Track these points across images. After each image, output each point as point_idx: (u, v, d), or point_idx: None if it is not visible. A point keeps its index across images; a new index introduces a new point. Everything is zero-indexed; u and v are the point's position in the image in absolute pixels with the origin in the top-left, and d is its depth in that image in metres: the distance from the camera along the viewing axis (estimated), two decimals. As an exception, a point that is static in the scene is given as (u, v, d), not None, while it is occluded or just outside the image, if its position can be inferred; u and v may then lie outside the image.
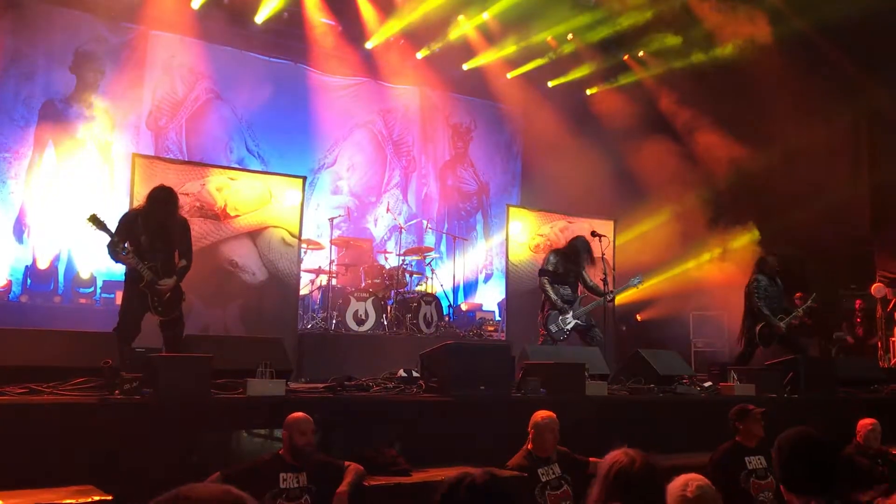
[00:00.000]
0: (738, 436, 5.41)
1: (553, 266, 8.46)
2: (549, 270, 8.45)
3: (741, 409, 5.50)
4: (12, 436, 4.58)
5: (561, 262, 8.49)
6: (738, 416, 5.44)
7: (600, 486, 2.68)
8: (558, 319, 8.32)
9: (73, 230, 9.77)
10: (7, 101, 10.08)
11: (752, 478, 5.23)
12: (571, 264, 8.52)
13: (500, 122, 14.46)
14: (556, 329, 8.33)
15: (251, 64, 11.84)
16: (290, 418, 4.64)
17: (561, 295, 8.43)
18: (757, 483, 5.23)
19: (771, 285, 9.03)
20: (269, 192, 9.48)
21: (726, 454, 5.29)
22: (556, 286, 8.41)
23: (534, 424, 5.02)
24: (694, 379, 8.11)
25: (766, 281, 9.01)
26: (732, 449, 5.35)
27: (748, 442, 5.37)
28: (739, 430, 5.41)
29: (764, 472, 5.27)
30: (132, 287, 6.35)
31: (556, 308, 8.37)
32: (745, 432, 5.39)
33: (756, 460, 5.30)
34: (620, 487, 2.56)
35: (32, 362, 5.42)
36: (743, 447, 5.35)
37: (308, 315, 10.28)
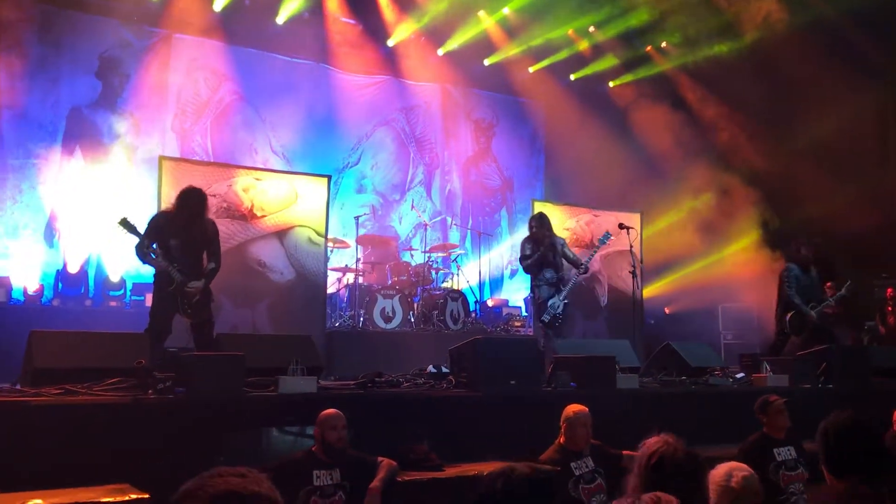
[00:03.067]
0: (765, 427, 5.34)
1: (530, 251, 8.35)
2: (526, 255, 8.36)
3: (763, 401, 5.42)
4: (49, 436, 4.64)
5: (535, 246, 8.34)
6: (760, 409, 5.37)
7: (639, 474, 2.64)
8: (548, 307, 8.20)
9: (102, 234, 9.87)
10: (34, 107, 10.19)
11: (781, 470, 5.16)
12: (543, 246, 8.32)
13: (522, 116, 14.40)
14: (550, 318, 8.21)
15: (273, 65, 11.88)
16: (322, 415, 4.65)
17: (546, 279, 8.31)
18: (786, 475, 5.16)
19: (803, 274, 8.93)
20: (294, 192, 9.52)
21: (754, 446, 5.22)
22: (539, 273, 8.29)
23: (566, 418, 4.99)
24: (726, 370, 8.04)
25: (798, 270, 8.92)
26: (760, 441, 5.28)
27: (775, 433, 5.30)
28: (765, 422, 5.34)
29: (794, 464, 5.20)
30: (162, 289, 6.42)
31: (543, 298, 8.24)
32: (770, 423, 5.32)
33: (785, 451, 5.24)
34: (660, 475, 2.52)
35: (67, 364, 5.49)
36: (771, 438, 5.28)
37: (336, 313, 10.32)
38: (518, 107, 14.31)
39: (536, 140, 14.65)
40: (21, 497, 3.98)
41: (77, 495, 4.18)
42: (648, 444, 2.71)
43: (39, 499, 4.04)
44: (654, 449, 2.66)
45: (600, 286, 11.73)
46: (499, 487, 2.28)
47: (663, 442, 2.67)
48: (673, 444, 2.67)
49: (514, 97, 14.12)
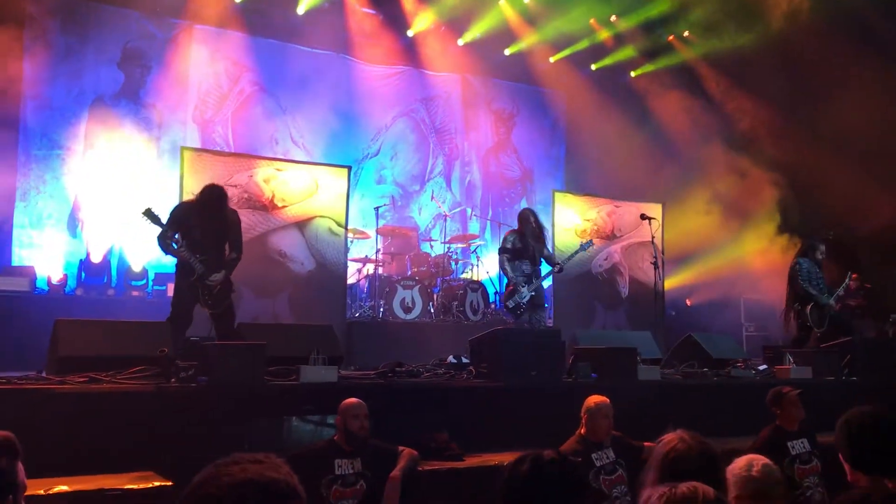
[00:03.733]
0: (778, 420, 5.28)
1: (511, 244, 8.36)
2: (507, 248, 8.36)
3: (776, 392, 5.34)
4: (75, 424, 4.69)
5: (518, 239, 8.38)
6: (774, 401, 5.29)
7: (655, 470, 2.62)
8: (515, 295, 8.20)
9: (124, 224, 9.95)
10: (59, 98, 10.27)
11: (796, 464, 5.11)
12: (527, 238, 8.38)
13: (542, 106, 14.33)
14: (514, 304, 8.19)
15: (294, 55, 11.90)
16: (344, 404, 4.66)
17: (521, 271, 8.30)
18: (801, 468, 5.11)
19: (813, 267, 8.88)
20: (315, 183, 9.54)
21: (767, 442, 5.12)
22: (516, 262, 8.29)
23: (587, 409, 4.97)
24: (748, 362, 7.98)
25: (808, 264, 8.88)
26: (773, 435, 5.20)
27: (789, 425, 5.24)
28: (778, 414, 5.28)
29: (808, 456, 5.15)
30: (183, 279, 6.47)
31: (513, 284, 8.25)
32: (784, 416, 5.25)
33: (799, 444, 5.19)
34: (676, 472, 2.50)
35: (92, 352, 5.54)
36: (785, 431, 5.22)
37: (356, 304, 10.35)
38: (538, 97, 14.24)
39: (557, 130, 14.58)
40: (47, 483, 4.03)
41: (102, 482, 4.24)
42: (663, 441, 2.69)
43: (65, 485, 4.09)
44: (667, 445, 2.64)
45: (621, 277, 11.67)
46: (525, 471, 2.28)
47: (678, 438, 2.65)
48: (687, 440, 2.64)
49: (535, 87, 14.05)
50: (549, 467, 2.28)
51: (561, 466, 2.30)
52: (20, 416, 4.41)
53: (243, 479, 1.43)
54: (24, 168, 9.99)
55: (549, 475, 2.27)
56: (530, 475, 2.27)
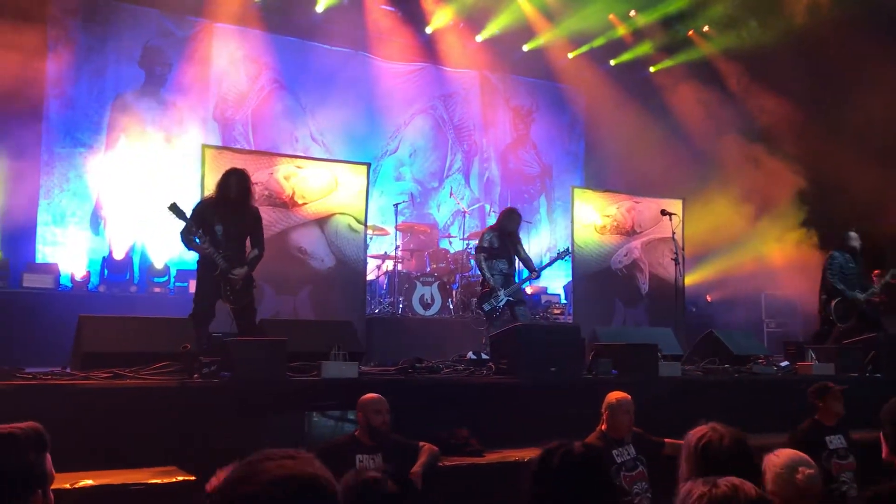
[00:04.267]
0: (818, 414, 5.25)
1: (488, 243, 8.33)
2: (484, 247, 8.33)
3: (821, 386, 5.34)
4: (99, 419, 4.75)
5: (496, 238, 8.35)
6: (818, 394, 5.28)
7: (688, 462, 2.60)
8: (490, 298, 8.15)
9: (146, 221, 10.04)
10: (81, 97, 10.38)
11: (833, 458, 5.09)
12: (506, 237, 8.35)
13: (561, 102, 14.29)
14: (490, 307, 8.15)
15: (313, 53, 11.95)
16: (365, 399, 4.68)
17: (499, 270, 8.28)
18: (838, 463, 5.09)
19: (847, 262, 8.78)
20: (335, 180, 9.57)
21: (807, 433, 5.13)
22: (493, 261, 8.27)
23: (608, 405, 4.95)
24: (770, 359, 7.93)
25: (842, 258, 8.79)
26: (812, 427, 5.20)
27: (828, 420, 5.23)
28: (819, 407, 5.25)
29: (845, 452, 5.13)
30: (205, 274, 6.50)
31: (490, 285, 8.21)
32: (824, 410, 5.23)
33: (836, 439, 5.17)
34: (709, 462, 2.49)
35: (115, 348, 5.60)
36: (823, 426, 5.21)
37: (375, 300, 10.38)
38: (557, 93, 14.20)
39: (576, 126, 14.54)
40: (72, 477, 4.08)
41: (126, 476, 4.28)
42: (694, 433, 2.68)
43: (90, 479, 4.14)
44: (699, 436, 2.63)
45: (641, 274, 11.61)
46: (556, 464, 2.28)
47: (710, 429, 2.63)
48: (720, 429, 2.63)
49: (554, 83, 14.01)
50: (579, 459, 2.28)
51: (591, 458, 2.31)
52: (45, 411, 4.43)
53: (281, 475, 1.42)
54: (47, 166, 10.10)
55: (579, 468, 2.27)
56: (561, 468, 2.27)
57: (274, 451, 1.52)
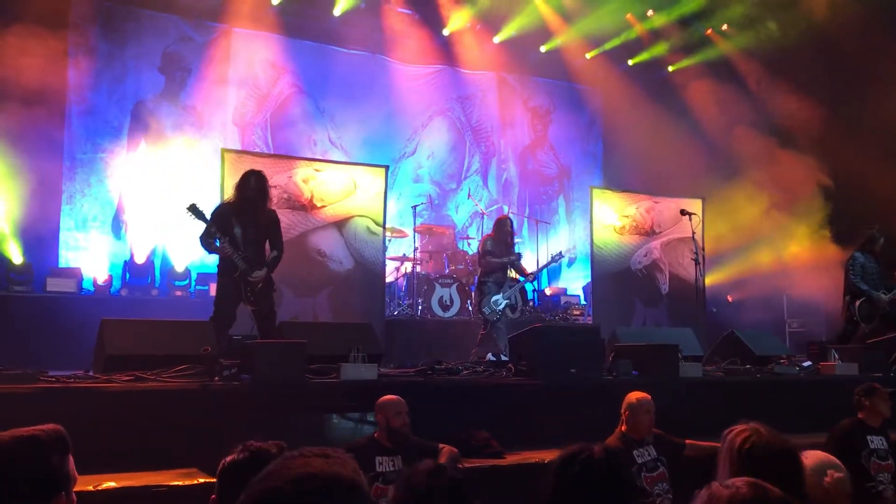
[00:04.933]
0: (862, 413, 5.21)
1: (489, 252, 8.60)
2: (488, 252, 8.61)
3: (870, 386, 5.31)
4: (121, 421, 4.78)
5: (494, 245, 8.65)
6: (866, 393, 5.24)
7: (729, 463, 2.54)
8: (490, 302, 8.44)
9: (166, 226, 10.12)
10: (101, 103, 10.49)
11: (873, 457, 5.05)
12: (502, 245, 8.69)
13: (579, 103, 14.25)
14: (490, 311, 8.43)
15: (331, 56, 12.00)
16: (385, 401, 4.68)
17: (494, 279, 8.60)
18: (877, 463, 5.05)
19: (869, 262, 8.71)
20: (353, 183, 9.60)
21: (850, 429, 5.11)
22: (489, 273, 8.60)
23: (628, 406, 4.92)
24: (792, 359, 7.85)
25: (863, 258, 8.73)
26: (856, 425, 5.17)
27: (872, 421, 5.19)
28: (866, 406, 5.20)
29: (885, 454, 5.09)
30: (226, 277, 6.54)
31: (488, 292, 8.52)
32: (870, 410, 5.19)
33: (878, 440, 5.13)
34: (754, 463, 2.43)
35: (137, 351, 5.64)
36: (866, 425, 5.17)
37: (394, 302, 10.40)
38: (575, 93, 14.16)
39: (594, 127, 14.49)
40: (95, 480, 4.12)
41: (148, 479, 4.32)
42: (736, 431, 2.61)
43: (113, 481, 4.17)
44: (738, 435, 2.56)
45: (661, 274, 11.55)
46: (577, 468, 2.27)
47: (748, 428, 2.58)
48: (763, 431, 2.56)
49: (571, 84, 13.97)
50: (600, 464, 2.27)
51: (611, 462, 2.29)
52: (68, 414, 4.48)
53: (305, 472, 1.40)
54: (69, 172, 10.22)
55: (600, 471, 2.26)
56: (582, 472, 2.26)
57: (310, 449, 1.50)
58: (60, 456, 2.00)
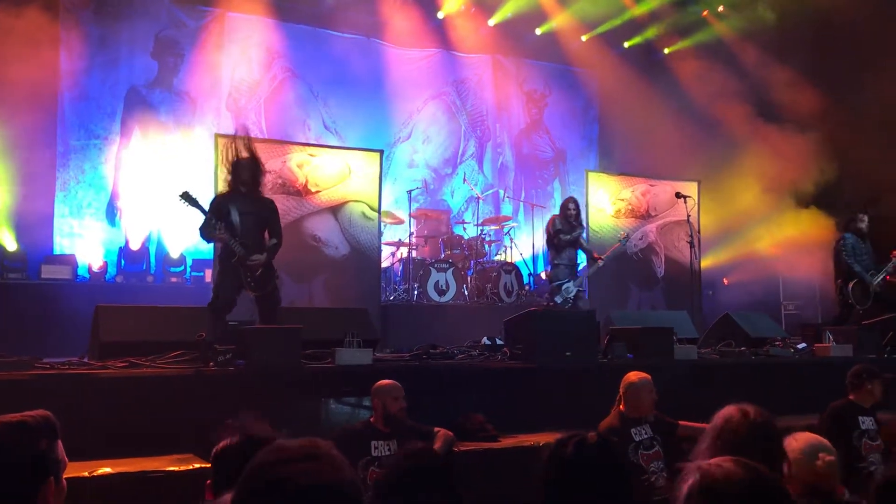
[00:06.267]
0: (854, 394, 5.24)
1: (556, 232, 8.47)
2: (552, 236, 8.48)
3: (871, 369, 5.33)
4: (116, 408, 4.79)
5: (564, 228, 8.52)
6: (869, 376, 5.25)
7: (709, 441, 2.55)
8: (562, 289, 8.35)
9: (161, 212, 10.09)
10: (94, 89, 10.42)
11: (864, 438, 5.09)
12: (569, 227, 8.54)
13: (575, 86, 14.19)
14: (562, 300, 8.35)
15: (325, 40, 11.92)
16: (382, 385, 4.68)
17: (566, 262, 8.50)
18: (868, 444, 5.09)
19: (858, 243, 8.74)
20: (347, 168, 9.58)
21: (842, 410, 5.15)
22: (560, 252, 8.47)
23: (629, 385, 4.94)
24: (787, 341, 7.88)
25: (853, 239, 8.74)
26: (848, 406, 5.20)
27: (863, 402, 5.22)
28: (865, 389, 5.22)
29: (875, 434, 5.14)
30: (225, 263, 6.50)
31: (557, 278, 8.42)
32: (867, 393, 5.22)
33: (869, 421, 5.17)
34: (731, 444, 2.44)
35: (132, 337, 5.65)
36: (857, 406, 5.20)
37: (390, 287, 10.39)
38: (571, 76, 14.10)
39: (590, 110, 14.44)
40: (90, 466, 4.13)
41: (143, 464, 4.33)
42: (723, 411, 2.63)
43: (108, 467, 4.18)
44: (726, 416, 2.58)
45: (657, 257, 11.57)
46: (569, 455, 2.26)
47: (737, 410, 2.59)
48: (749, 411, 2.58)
49: (567, 67, 13.90)
50: (592, 450, 2.26)
51: (604, 449, 2.29)
52: (64, 400, 4.51)
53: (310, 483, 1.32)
54: (63, 159, 10.17)
55: (592, 458, 2.26)
56: (574, 459, 2.26)
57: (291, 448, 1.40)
58: (49, 441, 2.00)
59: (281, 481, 1.33)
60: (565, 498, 2.26)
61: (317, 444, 1.42)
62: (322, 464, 1.37)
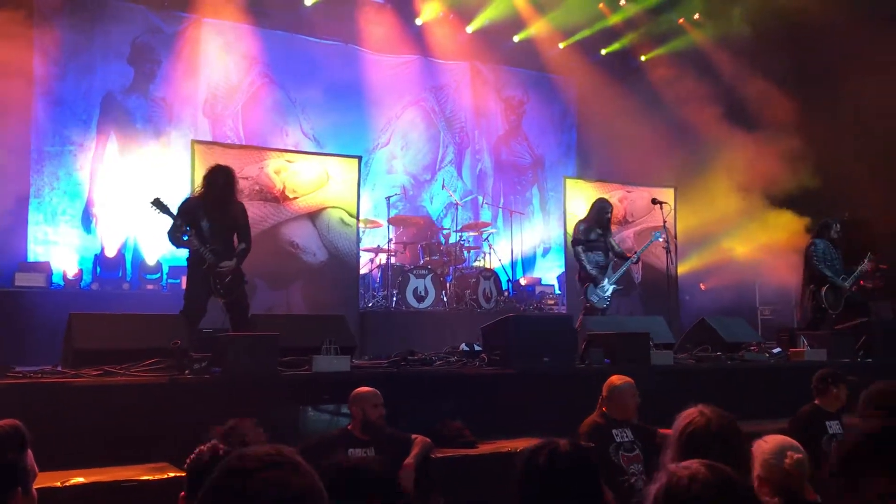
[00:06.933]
0: (820, 399, 5.29)
1: (584, 234, 8.52)
2: (581, 240, 8.50)
3: (835, 373, 5.37)
4: (90, 416, 4.74)
5: (591, 229, 8.59)
6: (834, 380, 5.30)
7: (674, 446, 2.59)
8: (597, 289, 8.37)
9: (137, 218, 10.00)
10: (69, 95, 10.32)
11: (833, 442, 5.12)
12: (599, 228, 8.59)
13: (552, 93, 14.27)
14: (598, 298, 8.39)
15: (303, 47, 11.90)
16: (361, 393, 4.66)
17: (595, 262, 8.46)
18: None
19: (829, 248, 8.87)
20: (325, 174, 9.56)
21: (809, 416, 5.21)
22: (589, 254, 8.45)
23: (614, 388, 4.97)
24: (762, 346, 7.95)
25: (824, 244, 8.88)
26: (814, 411, 5.26)
27: (829, 407, 5.27)
28: (831, 393, 5.26)
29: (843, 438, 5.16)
30: (195, 270, 6.51)
31: (591, 279, 8.42)
32: (833, 397, 5.27)
33: (835, 425, 5.22)
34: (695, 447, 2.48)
35: (106, 345, 5.58)
36: (824, 411, 5.25)
37: (369, 293, 10.37)
38: (548, 83, 14.17)
39: (567, 117, 14.52)
40: (63, 476, 4.08)
41: (117, 474, 4.28)
42: (683, 416, 2.67)
43: (81, 477, 4.13)
44: (687, 420, 2.62)
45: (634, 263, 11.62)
46: (542, 463, 2.27)
47: (698, 413, 2.62)
48: (708, 413, 2.61)
49: (545, 74, 13.98)
50: (565, 459, 2.27)
51: (577, 456, 2.29)
52: (36, 409, 4.46)
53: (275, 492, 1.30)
54: (37, 165, 10.05)
55: (565, 467, 2.26)
56: (547, 468, 2.26)
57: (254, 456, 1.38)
58: (17, 451, 1.98)
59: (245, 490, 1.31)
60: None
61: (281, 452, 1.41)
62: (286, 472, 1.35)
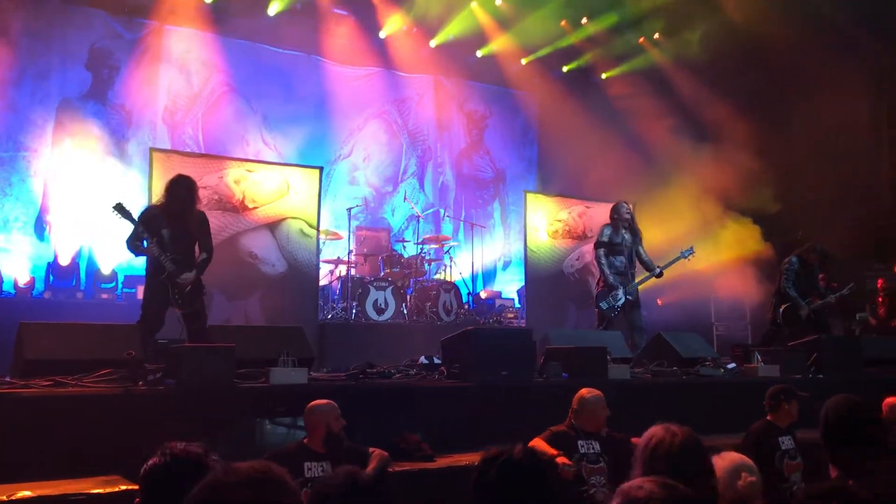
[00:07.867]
0: (772, 415, 5.34)
1: (608, 237, 8.56)
2: (604, 242, 8.57)
3: (788, 389, 5.41)
4: (39, 428, 4.62)
5: (614, 233, 8.63)
6: (786, 396, 5.34)
7: (640, 463, 2.60)
8: (608, 297, 8.43)
9: (93, 227, 9.84)
10: (24, 100, 10.13)
11: (785, 459, 5.20)
12: (623, 232, 8.63)
13: (514, 108, 14.39)
14: (608, 306, 8.46)
15: (265, 56, 11.84)
16: (321, 405, 4.60)
17: (615, 266, 8.50)
18: (789, 464, 5.19)
19: (803, 269, 9.07)
20: (286, 184, 9.51)
21: (761, 432, 5.24)
22: (611, 258, 8.46)
23: (584, 401, 4.99)
24: (717, 361, 8.06)
25: (799, 265, 9.06)
26: (767, 428, 5.29)
27: (781, 423, 5.32)
28: (783, 409, 5.30)
29: (794, 453, 5.24)
30: (154, 279, 6.42)
31: (610, 289, 8.42)
32: (785, 413, 5.31)
33: (787, 440, 5.27)
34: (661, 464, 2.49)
35: (58, 355, 5.46)
36: (776, 427, 5.30)
37: (328, 305, 10.31)
38: (511, 98, 14.29)
39: (529, 132, 14.64)
40: (9, 489, 3.97)
41: (67, 487, 4.18)
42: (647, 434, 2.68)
43: (28, 490, 4.03)
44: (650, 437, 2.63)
45: (593, 277, 11.72)
46: (493, 476, 2.27)
47: (663, 430, 2.64)
48: (675, 430, 2.63)
49: (507, 89, 14.10)
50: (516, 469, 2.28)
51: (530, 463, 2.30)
52: (-17, 420, 4.34)
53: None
54: (-12, 170, 9.85)
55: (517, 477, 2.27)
56: (499, 480, 2.27)
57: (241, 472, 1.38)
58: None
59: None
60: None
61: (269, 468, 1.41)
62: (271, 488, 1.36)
